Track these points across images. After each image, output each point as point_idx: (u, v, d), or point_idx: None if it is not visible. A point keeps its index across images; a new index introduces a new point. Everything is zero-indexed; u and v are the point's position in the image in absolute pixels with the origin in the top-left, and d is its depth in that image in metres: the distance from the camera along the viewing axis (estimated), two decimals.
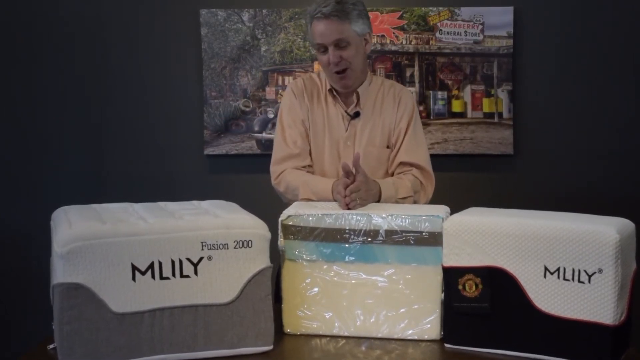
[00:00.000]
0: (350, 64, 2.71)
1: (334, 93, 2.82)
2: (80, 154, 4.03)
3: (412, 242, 2.22)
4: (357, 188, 2.41)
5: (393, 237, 2.23)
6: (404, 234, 2.23)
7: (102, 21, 3.97)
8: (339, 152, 2.81)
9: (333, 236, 2.27)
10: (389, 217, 2.24)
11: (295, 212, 2.29)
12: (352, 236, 2.26)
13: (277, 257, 2.27)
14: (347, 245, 2.26)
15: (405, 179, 2.74)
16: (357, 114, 2.81)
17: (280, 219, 2.29)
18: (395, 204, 2.60)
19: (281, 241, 2.29)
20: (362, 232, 2.25)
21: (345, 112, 2.82)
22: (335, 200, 2.52)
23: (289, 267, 2.30)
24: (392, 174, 2.81)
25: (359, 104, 2.81)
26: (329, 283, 2.28)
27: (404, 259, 2.23)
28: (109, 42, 3.98)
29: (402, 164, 2.80)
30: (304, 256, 2.28)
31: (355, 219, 2.26)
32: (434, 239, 2.21)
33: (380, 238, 2.24)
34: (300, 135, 2.81)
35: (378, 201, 2.56)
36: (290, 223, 2.29)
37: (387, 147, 2.83)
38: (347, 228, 2.26)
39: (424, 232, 2.21)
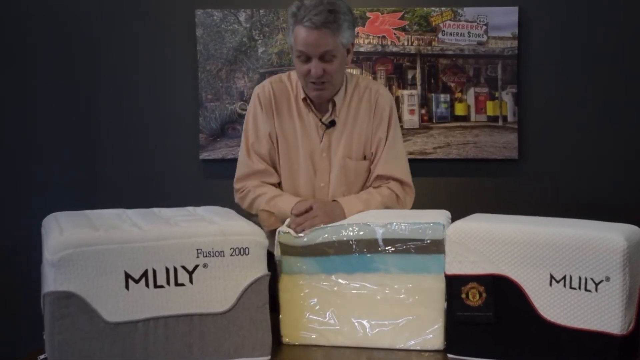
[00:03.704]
0: (332, 77, 2.60)
1: (308, 101, 2.70)
2: (72, 159, 4.00)
3: (412, 250, 2.19)
4: (308, 216, 2.35)
5: (394, 246, 2.21)
6: (404, 243, 2.19)
7: (94, 22, 3.94)
8: (314, 164, 2.71)
9: (332, 248, 2.25)
10: (389, 225, 2.20)
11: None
12: (352, 247, 2.23)
13: (271, 263, 2.23)
14: (346, 256, 2.23)
15: (376, 193, 2.66)
16: (332, 123, 2.70)
17: (276, 237, 2.28)
18: (394, 211, 2.56)
19: (278, 253, 2.26)
20: (362, 242, 2.22)
21: (320, 121, 2.71)
22: None
23: (286, 277, 2.28)
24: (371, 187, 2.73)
25: (335, 112, 2.70)
26: (328, 293, 2.26)
27: (405, 268, 2.21)
28: (102, 44, 3.95)
29: (379, 177, 2.71)
30: (303, 267, 2.26)
31: (354, 229, 2.23)
32: (436, 247, 2.18)
33: (381, 247, 2.21)
34: (266, 150, 2.70)
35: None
36: (287, 240, 2.27)
37: (364, 158, 2.73)
38: (346, 239, 2.23)
39: (425, 239, 2.18)
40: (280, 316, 2.27)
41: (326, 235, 2.25)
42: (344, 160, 2.70)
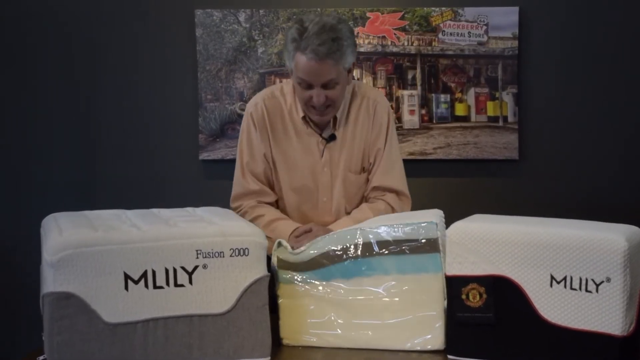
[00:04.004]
0: (334, 102, 2.56)
1: (307, 119, 2.66)
2: (71, 159, 3.99)
3: (407, 251, 2.19)
4: (309, 235, 2.39)
5: (389, 248, 2.20)
6: (398, 245, 2.19)
7: (94, 22, 3.93)
8: (316, 179, 2.69)
9: (327, 258, 2.24)
10: (382, 228, 2.21)
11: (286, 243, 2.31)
12: (347, 253, 2.23)
13: (270, 264, 2.23)
14: (342, 264, 2.23)
15: (367, 209, 2.65)
16: (332, 137, 2.67)
17: (274, 248, 2.28)
18: (386, 215, 2.55)
19: (274, 261, 2.26)
20: (357, 247, 2.22)
21: (320, 136, 2.68)
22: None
23: (284, 286, 2.27)
24: (367, 198, 2.73)
25: (336, 127, 2.67)
26: (327, 297, 2.24)
27: (402, 269, 2.20)
28: (101, 44, 3.94)
29: (375, 188, 2.70)
30: (300, 279, 2.26)
31: (348, 235, 2.24)
32: (431, 246, 2.17)
33: (375, 251, 2.20)
34: (261, 170, 2.68)
35: None
36: (284, 255, 2.27)
37: (363, 169, 2.72)
38: (340, 247, 2.23)
39: (419, 239, 2.18)
40: (280, 318, 2.26)
41: (320, 245, 2.25)
42: (345, 174, 2.68)
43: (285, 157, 2.68)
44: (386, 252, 2.19)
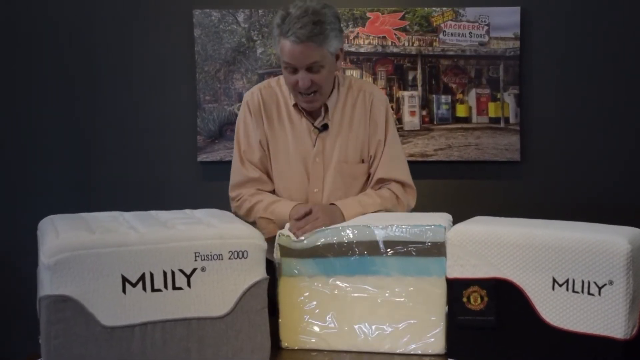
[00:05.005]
0: (321, 87, 2.56)
1: (300, 107, 2.67)
2: (69, 161, 3.98)
3: (413, 253, 2.17)
4: (309, 218, 2.35)
5: (394, 249, 2.18)
6: (405, 245, 2.17)
7: (92, 22, 3.92)
8: (307, 169, 2.68)
9: (332, 250, 2.23)
10: (389, 227, 2.19)
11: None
12: (352, 249, 2.21)
13: (270, 269, 2.20)
14: (346, 258, 2.21)
15: (374, 194, 2.64)
16: (325, 127, 2.67)
17: (276, 239, 2.26)
18: (395, 213, 2.53)
19: (277, 255, 2.24)
20: (362, 244, 2.20)
21: (312, 125, 2.68)
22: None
23: (286, 280, 2.26)
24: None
25: (327, 116, 2.67)
26: (328, 296, 2.23)
27: (406, 271, 2.19)
28: (98, 44, 3.93)
29: (379, 180, 2.69)
30: (303, 270, 2.24)
31: (354, 231, 2.22)
32: (437, 250, 2.16)
33: (381, 250, 2.18)
34: (258, 158, 2.68)
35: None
36: (287, 243, 2.25)
37: (362, 161, 2.71)
38: (346, 241, 2.21)
39: (426, 242, 2.16)
40: (280, 320, 2.25)
41: (326, 237, 2.23)
42: (339, 165, 2.67)
43: (278, 146, 2.68)
44: (392, 252, 2.18)
